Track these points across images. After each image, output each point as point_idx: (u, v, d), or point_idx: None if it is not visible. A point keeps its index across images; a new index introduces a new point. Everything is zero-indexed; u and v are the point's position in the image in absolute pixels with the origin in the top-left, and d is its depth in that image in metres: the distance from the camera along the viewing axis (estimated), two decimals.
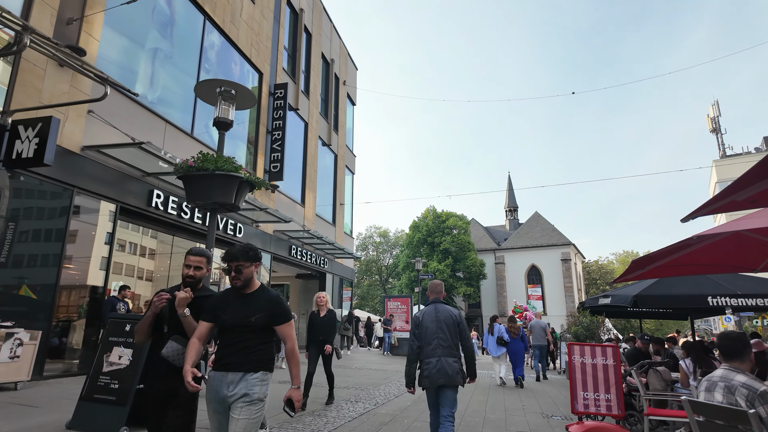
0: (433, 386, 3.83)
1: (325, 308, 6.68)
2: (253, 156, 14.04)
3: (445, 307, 4.03)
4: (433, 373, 3.77)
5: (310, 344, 6.61)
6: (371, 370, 11.57)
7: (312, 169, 18.15)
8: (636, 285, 10.35)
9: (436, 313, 3.99)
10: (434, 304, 4.09)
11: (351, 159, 23.65)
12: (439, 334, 3.88)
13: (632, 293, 9.43)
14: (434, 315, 3.98)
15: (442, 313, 3.97)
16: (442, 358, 3.79)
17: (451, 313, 4.01)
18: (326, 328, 6.56)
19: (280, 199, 15.48)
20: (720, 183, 42.02)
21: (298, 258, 16.22)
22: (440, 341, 3.85)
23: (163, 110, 10.37)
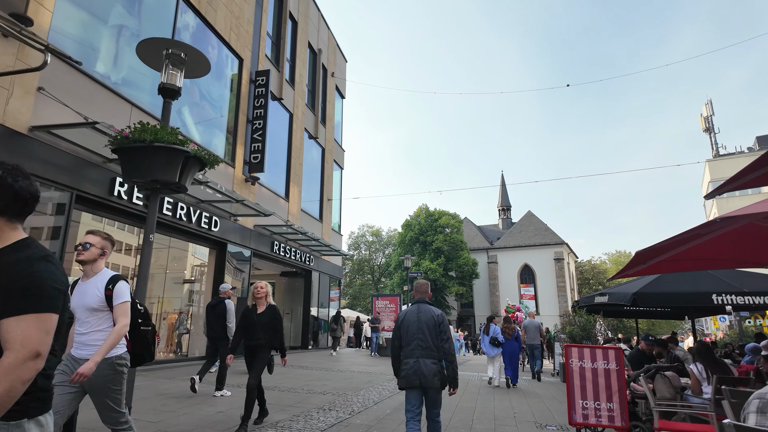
0: (408, 387, 3.76)
1: (264, 302, 5.05)
2: (232, 146, 13.28)
3: (427, 308, 3.96)
4: (410, 374, 3.72)
5: (246, 349, 5.02)
6: (355, 372, 10.88)
7: (297, 162, 17.41)
8: (635, 282, 9.77)
9: (418, 313, 3.92)
10: (417, 304, 4.02)
11: (339, 153, 22.92)
12: (418, 335, 3.81)
13: (631, 291, 8.83)
14: (416, 315, 3.91)
15: (423, 314, 3.90)
16: (420, 359, 3.73)
17: (433, 313, 3.91)
18: (268, 329, 4.94)
19: (262, 192, 14.72)
20: (713, 182, 41.81)
21: (281, 254, 15.47)
22: (419, 342, 3.78)
23: (130, 92, 9.60)
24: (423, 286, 4.14)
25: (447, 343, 3.84)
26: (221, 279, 12.27)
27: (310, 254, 17.90)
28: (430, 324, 3.84)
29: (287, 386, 7.99)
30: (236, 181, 13.17)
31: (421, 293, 4.11)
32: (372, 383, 9.04)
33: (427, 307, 3.97)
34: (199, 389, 6.47)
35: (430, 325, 3.83)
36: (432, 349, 3.77)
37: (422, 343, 3.77)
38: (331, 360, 13.98)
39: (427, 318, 3.86)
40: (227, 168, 12.86)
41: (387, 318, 17.95)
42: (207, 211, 11.55)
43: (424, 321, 3.85)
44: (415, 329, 3.83)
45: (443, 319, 3.92)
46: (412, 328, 3.85)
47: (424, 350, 3.75)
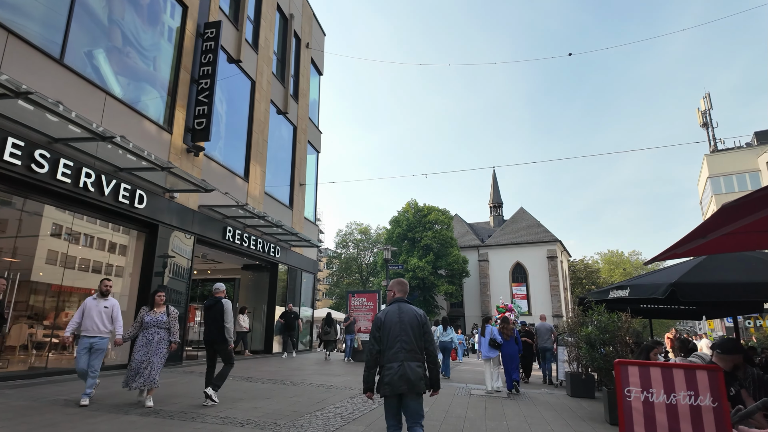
0: (393, 393, 3.41)
1: None
2: (169, 108, 10.91)
3: (409, 307, 3.68)
4: (395, 380, 3.39)
5: None
6: (311, 385, 8.61)
7: (260, 138, 15.06)
8: (668, 271, 7.65)
9: (400, 313, 3.62)
10: (397, 304, 3.71)
11: (315, 135, 20.60)
12: (402, 337, 3.51)
13: (668, 280, 6.68)
14: (397, 315, 3.61)
15: (405, 314, 3.61)
16: (405, 363, 3.43)
17: (416, 313, 3.64)
18: None
19: (211, 167, 12.36)
20: (711, 178, 40.29)
21: (236, 243, 13.11)
22: (403, 344, 3.49)
23: (5, 16, 7.22)
24: (401, 284, 3.84)
25: (431, 345, 3.59)
26: (150, 269, 9.91)
27: (276, 244, 15.56)
28: (414, 324, 3.58)
29: (200, 413, 5.70)
30: (174, 150, 10.81)
31: (401, 292, 3.81)
32: (324, 404, 6.78)
33: (408, 306, 3.70)
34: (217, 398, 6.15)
35: (414, 326, 3.57)
36: (417, 352, 3.51)
37: (407, 346, 3.49)
38: (290, 369, 11.66)
39: (410, 318, 3.59)
40: (161, 133, 10.49)
41: (364, 318, 15.66)
42: (129, 183, 9.18)
43: (408, 321, 3.57)
44: (398, 331, 3.54)
45: (426, 319, 3.67)
46: (394, 330, 3.56)
47: (408, 353, 3.48)
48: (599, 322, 6.65)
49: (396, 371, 3.39)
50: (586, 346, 6.67)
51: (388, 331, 3.55)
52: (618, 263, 73.37)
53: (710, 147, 45.10)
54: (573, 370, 9.12)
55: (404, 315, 3.60)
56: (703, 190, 44.66)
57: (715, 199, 39.03)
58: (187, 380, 8.38)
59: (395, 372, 3.39)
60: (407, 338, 3.49)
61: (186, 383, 8.07)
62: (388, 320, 3.59)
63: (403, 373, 3.38)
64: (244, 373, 9.66)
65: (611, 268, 72.48)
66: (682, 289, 6.18)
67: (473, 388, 9.54)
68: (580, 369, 8.93)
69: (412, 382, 3.36)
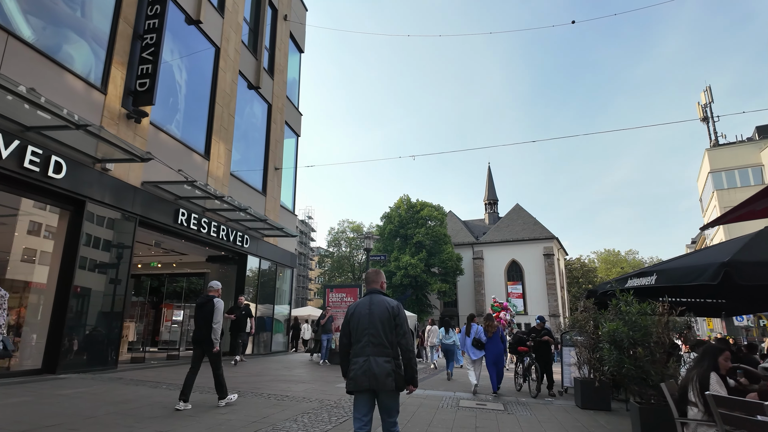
0: (357, 389, 3.20)
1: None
2: (104, 64, 9.19)
3: (380, 298, 3.40)
4: (359, 375, 3.17)
5: None
6: (261, 396, 6.94)
7: (225, 112, 13.36)
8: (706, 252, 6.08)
9: (370, 305, 3.36)
10: (370, 295, 3.46)
11: (295, 117, 18.90)
12: (370, 330, 3.26)
13: (714, 260, 5.08)
14: (367, 308, 3.36)
15: (376, 306, 3.34)
16: (371, 358, 3.18)
17: (387, 305, 3.34)
18: None
19: (160, 140, 10.64)
20: (713, 173, 38.89)
21: (192, 229, 11.39)
22: (371, 338, 3.24)
23: None
24: (374, 275, 3.57)
25: (404, 339, 3.28)
26: (74, 255, 8.19)
27: (244, 233, 13.85)
28: (384, 317, 3.28)
29: None
30: (108, 114, 9.09)
31: (373, 283, 3.54)
32: (261, 425, 5.10)
33: (380, 297, 3.40)
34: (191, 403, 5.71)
35: (384, 319, 3.28)
36: (385, 346, 3.23)
37: (374, 339, 3.23)
38: (249, 374, 9.96)
39: (381, 310, 3.30)
40: (91, 92, 8.77)
41: (343, 315, 13.97)
42: (40, 146, 7.45)
43: (377, 314, 3.30)
44: (366, 323, 3.29)
45: (399, 310, 3.33)
46: (362, 323, 3.30)
47: (376, 347, 3.22)
48: (628, 314, 4.99)
49: (361, 366, 3.19)
50: (609, 347, 5.03)
51: (356, 324, 3.33)
52: (615, 262, 72.20)
53: (710, 141, 43.80)
54: (583, 376, 7.51)
55: (375, 307, 3.34)
56: (704, 186, 43.28)
57: (716, 195, 37.68)
58: (74, 393, 6.67)
59: (359, 367, 3.19)
60: (375, 332, 3.25)
61: (51, 402, 6.35)
62: (358, 312, 3.38)
63: (368, 368, 3.15)
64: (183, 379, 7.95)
65: (608, 267, 71.27)
66: (741, 270, 4.58)
67: (462, 398, 7.90)
68: (592, 374, 7.32)
69: (378, 378, 3.12)
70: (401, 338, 3.26)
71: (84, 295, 8.44)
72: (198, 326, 5.92)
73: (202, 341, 5.83)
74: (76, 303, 8.25)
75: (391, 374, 3.15)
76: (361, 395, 3.22)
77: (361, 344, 3.25)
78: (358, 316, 3.35)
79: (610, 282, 7.96)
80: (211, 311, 5.81)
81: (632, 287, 6.35)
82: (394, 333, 3.25)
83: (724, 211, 36.82)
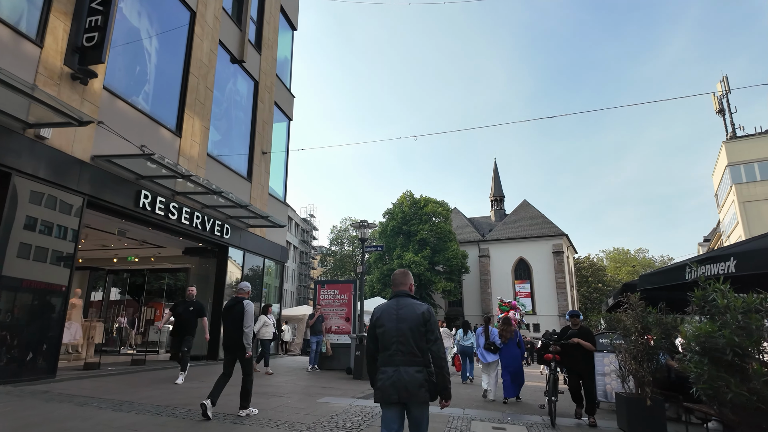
0: (385, 401, 2.93)
1: None
2: (42, 12, 7.65)
3: (409, 302, 3.12)
4: (387, 386, 2.91)
5: None
6: (216, 418, 5.38)
7: (201, 85, 11.82)
8: None
9: (398, 309, 3.08)
10: (396, 299, 3.19)
11: (286, 98, 17.35)
12: (399, 338, 2.99)
13: None
14: (395, 312, 3.08)
15: (405, 310, 3.06)
16: (401, 368, 2.93)
17: (416, 309, 3.05)
18: None
19: (117, 108, 9.10)
20: (731, 166, 36.90)
21: (158, 214, 9.85)
22: (400, 346, 2.97)
23: None
24: (401, 276, 3.27)
25: (435, 345, 3.00)
26: None
27: (224, 222, 12.31)
28: (413, 323, 3.00)
29: None
30: (46, 72, 7.55)
31: (400, 285, 3.24)
32: None
33: (409, 301, 3.12)
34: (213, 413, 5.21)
35: (413, 325, 3.00)
36: (416, 354, 2.96)
37: (404, 348, 2.96)
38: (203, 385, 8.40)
39: (410, 315, 3.03)
40: (22, 43, 7.24)
41: (336, 315, 12.41)
42: None
43: (406, 319, 3.02)
44: (394, 330, 3.02)
45: (430, 315, 3.03)
46: (390, 330, 3.03)
47: (405, 356, 2.95)
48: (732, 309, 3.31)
49: (390, 377, 2.93)
50: (698, 358, 3.38)
51: (383, 330, 3.06)
52: (624, 261, 70.15)
53: (727, 134, 41.84)
54: (629, 391, 5.89)
55: (403, 311, 3.06)
56: (720, 181, 41.25)
57: (735, 189, 35.76)
58: None
59: (388, 378, 2.94)
60: (404, 339, 2.99)
61: None
62: (384, 317, 3.10)
63: (398, 379, 2.90)
64: (127, 395, 6.38)
65: (617, 266, 69.25)
66: None
67: (473, 417, 6.30)
68: (638, 389, 5.70)
69: (409, 389, 2.87)
70: (432, 345, 3.01)
71: (12, 288, 6.91)
72: (227, 331, 5.60)
73: (233, 347, 5.54)
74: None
75: (424, 385, 2.91)
76: (391, 408, 2.97)
77: (390, 352, 3.01)
78: (385, 322, 3.09)
79: (659, 271, 6.32)
80: (240, 314, 5.52)
81: (715, 273, 4.70)
82: (424, 340, 3.00)
83: (743, 205, 34.76)
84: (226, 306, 5.76)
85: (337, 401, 6.90)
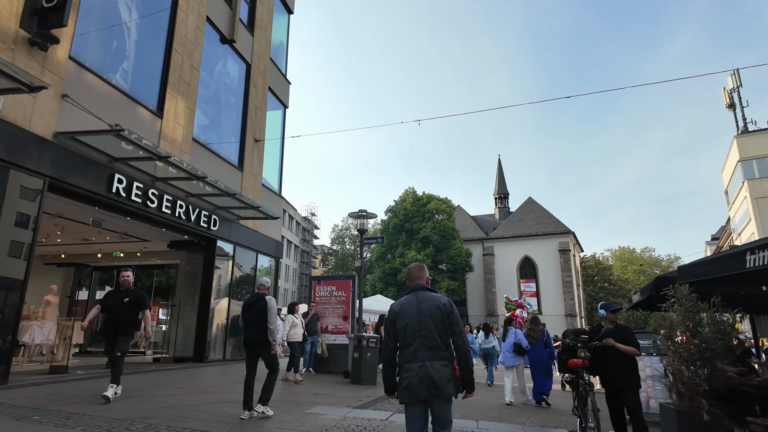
0: (414, 400, 2.83)
1: None
2: None
3: (429, 295, 3.03)
4: (415, 384, 2.81)
5: None
6: None
7: (187, 63, 10.87)
8: None
9: (418, 303, 2.99)
10: (415, 292, 3.08)
11: (281, 85, 16.40)
12: (422, 332, 2.90)
13: None
14: (415, 306, 2.99)
15: (425, 304, 2.98)
16: (427, 363, 2.83)
17: (438, 302, 2.98)
18: None
19: (86, 81, 8.15)
20: (743, 161, 35.71)
21: (135, 201, 8.90)
22: (424, 341, 2.89)
23: None
24: (417, 269, 3.21)
25: (461, 339, 2.92)
26: None
27: (211, 213, 11.36)
28: (436, 316, 2.92)
29: None
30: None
31: (417, 278, 3.16)
32: None
33: (428, 294, 3.03)
34: None
35: (436, 318, 2.91)
36: (441, 348, 2.88)
37: (428, 342, 2.88)
38: (194, 391, 7.45)
39: (431, 308, 2.94)
40: None
41: (332, 313, 11.43)
42: None
43: (428, 313, 2.93)
44: (417, 324, 2.92)
45: (452, 307, 2.98)
46: (412, 324, 2.93)
47: (430, 350, 2.86)
48: None
49: (416, 373, 2.82)
50: None
51: (404, 326, 2.95)
52: (630, 260, 68.95)
53: (738, 129, 40.71)
54: (678, 403, 4.90)
55: (424, 305, 2.97)
56: (731, 177, 40.04)
57: (747, 185, 34.61)
58: None
59: (415, 374, 2.82)
60: (428, 333, 2.89)
61: None
62: (404, 312, 2.99)
63: (425, 375, 2.80)
64: (83, 405, 5.42)
65: (623, 265, 68.06)
66: None
67: (488, 431, 5.31)
68: (691, 400, 4.72)
69: (437, 385, 2.78)
70: (458, 338, 2.92)
71: None
72: (248, 327, 5.48)
73: (254, 344, 5.46)
74: None
75: (451, 379, 2.84)
76: (415, 407, 2.86)
77: (413, 348, 2.89)
78: (405, 317, 2.96)
79: (722, 255, 5.32)
80: (263, 311, 5.41)
81: None
82: (448, 333, 2.93)
83: (756, 202, 33.50)
84: (246, 302, 5.61)
85: (329, 412, 5.93)
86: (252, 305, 5.52)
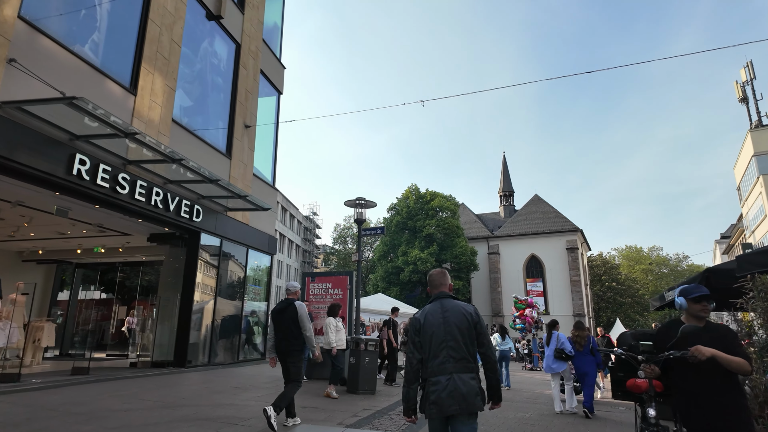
0: (443, 415, 2.63)
1: None
2: None
3: (454, 303, 2.83)
4: (443, 398, 2.61)
5: None
6: None
7: (166, 37, 9.82)
8: None
9: (443, 312, 2.79)
10: (439, 300, 2.88)
11: (275, 68, 15.34)
12: (449, 342, 2.71)
13: None
14: (440, 316, 2.79)
15: (451, 313, 2.77)
16: (455, 375, 2.64)
17: (464, 311, 2.78)
18: None
19: (40, 45, 7.10)
20: (758, 156, 34.35)
21: (102, 185, 7.84)
22: (451, 351, 2.69)
23: None
24: (439, 276, 2.98)
25: (489, 350, 2.75)
26: None
27: (193, 202, 10.30)
28: (463, 326, 2.72)
29: None
30: None
31: (440, 285, 2.94)
32: None
33: (453, 303, 2.83)
34: None
35: (463, 328, 2.72)
36: (468, 360, 2.69)
37: (455, 354, 2.68)
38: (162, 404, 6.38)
39: (458, 318, 2.74)
40: None
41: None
42: None
43: (454, 323, 2.73)
44: (443, 334, 2.72)
45: (479, 317, 2.79)
46: (438, 335, 2.73)
47: (458, 362, 2.67)
48: None
49: (444, 386, 2.62)
50: None
51: (429, 336, 2.75)
52: (638, 259, 67.55)
53: (751, 123, 39.36)
54: None
55: (449, 315, 2.77)
56: (745, 171, 38.66)
57: (762, 180, 33.26)
58: None
59: (443, 388, 2.61)
60: (455, 344, 2.69)
61: None
62: (429, 322, 2.79)
63: (454, 388, 2.60)
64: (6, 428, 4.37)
65: (630, 264, 66.66)
66: None
67: None
68: None
69: (466, 399, 2.58)
70: (485, 348, 2.74)
71: None
72: (279, 334, 5.27)
73: (285, 353, 5.22)
74: None
75: (479, 393, 2.65)
76: (436, 423, 2.69)
77: (440, 360, 2.68)
78: (431, 327, 2.77)
79: None
80: (294, 318, 5.21)
81: None
82: (474, 344, 2.73)
83: None
84: (276, 309, 5.40)
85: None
86: (281, 312, 5.27)
